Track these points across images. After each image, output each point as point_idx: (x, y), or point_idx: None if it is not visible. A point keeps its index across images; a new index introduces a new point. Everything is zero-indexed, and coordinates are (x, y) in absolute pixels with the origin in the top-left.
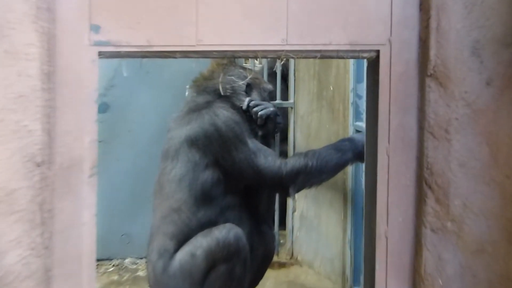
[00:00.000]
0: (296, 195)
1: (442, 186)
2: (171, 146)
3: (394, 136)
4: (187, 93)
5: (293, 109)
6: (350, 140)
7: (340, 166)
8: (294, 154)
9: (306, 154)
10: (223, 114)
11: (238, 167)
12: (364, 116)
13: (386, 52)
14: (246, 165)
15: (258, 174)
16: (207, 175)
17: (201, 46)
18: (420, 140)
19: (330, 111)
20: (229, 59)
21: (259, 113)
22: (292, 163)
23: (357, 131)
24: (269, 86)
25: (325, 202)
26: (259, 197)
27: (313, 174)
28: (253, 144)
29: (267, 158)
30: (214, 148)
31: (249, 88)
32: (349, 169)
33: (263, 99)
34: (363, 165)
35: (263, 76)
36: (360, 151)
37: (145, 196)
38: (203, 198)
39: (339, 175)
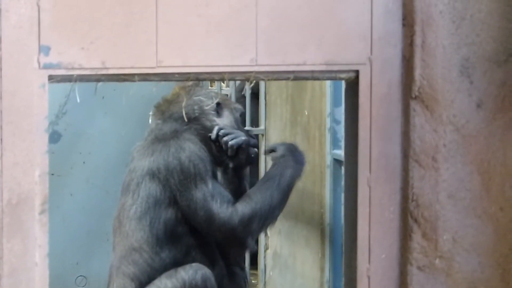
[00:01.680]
0: (269, 231)
1: (430, 219)
2: (133, 179)
3: (376, 165)
4: (150, 120)
5: (264, 136)
6: (276, 164)
7: (285, 191)
8: (238, 202)
9: (245, 199)
10: (189, 148)
11: (193, 208)
12: (342, 143)
13: (366, 72)
14: (201, 206)
15: (209, 219)
16: (171, 213)
17: (162, 68)
18: (405, 169)
19: (305, 138)
20: (194, 81)
21: (229, 143)
22: (241, 209)
23: (336, 160)
24: (241, 107)
25: (301, 239)
26: None
27: (265, 215)
28: (214, 186)
29: (222, 204)
30: (174, 183)
31: (219, 108)
32: (327, 202)
33: (236, 120)
34: (342, 197)
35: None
36: (293, 160)
37: (103, 234)
38: (167, 237)
39: (316, 208)
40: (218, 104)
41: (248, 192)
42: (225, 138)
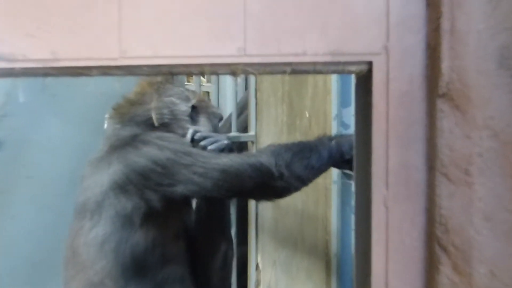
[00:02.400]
0: (260, 263)
1: (462, 248)
2: (89, 198)
3: (394, 179)
4: (106, 125)
5: (254, 144)
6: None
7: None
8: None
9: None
10: (156, 137)
11: (194, 185)
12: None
13: (381, 64)
14: (205, 173)
15: (225, 173)
16: (140, 236)
17: (126, 59)
18: (431, 185)
19: None
20: (166, 76)
21: (208, 148)
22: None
23: (344, 174)
24: (220, 112)
25: (301, 272)
26: (211, 266)
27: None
28: (206, 151)
29: (229, 155)
30: (155, 181)
31: (195, 113)
32: (333, 227)
33: (214, 129)
34: (352, 221)
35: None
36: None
37: (52, 266)
38: (134, 267)
39: (319, 234)
40: (193, 107)
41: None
42: (203, 143)
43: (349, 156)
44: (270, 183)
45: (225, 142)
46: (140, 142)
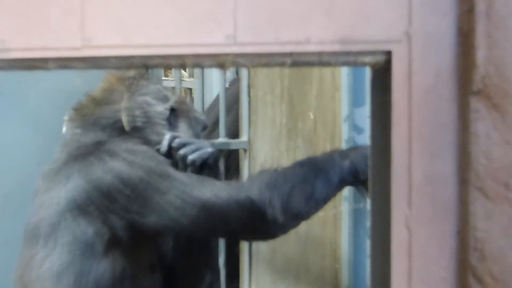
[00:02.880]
0: None
1: (501, 278)
2: (43, 219)
3: (418, 195)
4: (64, 129)
5: (247, 152)
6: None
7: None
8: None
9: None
10: (126, 150)
11: (169, 219)
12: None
13: (402, 54)
14: (183, 207)
15: (206, 212)
16: (105, 267)
17: (91, 49)
18: (463, 201)
19: (310, 154)
20: (139, 70)
21: (189, 157)
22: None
23: (357, 189)
24: (204, 118)
25: None
26: None
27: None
28: (186, 175)
29: (213, 186)
30: (122, 205)
31: (173, 116)
32: (344, 254)
33: (195, 136)
34: (367, 247)
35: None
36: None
37: None
38: None
39: (327, 263)
40: (172, 110)
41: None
42: (182, 151)
43: (365, 176)
44: (261, 225)
45: (209, 150)
46: (106, 153)
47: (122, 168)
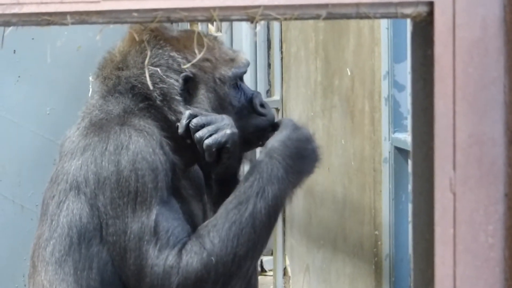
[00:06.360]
0: (288, 263)
1: None
2: (54, 194)
3: (464, 157)
4: (91, 91)
5: (280, 111)
6: (256, 168)
7: (264, 224)
8: (191, 241)
9: (199, 239)
10: (136, 145)
11: (122, 248)
12: (408, 122)
13: (445, 5)
14: (133, 248)
15: (138, 272)
16: (105, 254)
17: (110, 2)
18: (511, 163)
19: (347, 114)
20: (163, 25)
21: (205, 142)
22: (186, 262)
23: (398, 150)
24: (242, 59)
25: (343, 279)
26: None
27: (224, 271)
28: (160, 215)
29: (162, 251)
30: (104, 202)
31: (192, 85)
32: (384, 219)
33: (220, 103)
34: (409, 211)
35: None
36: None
37: (17, 276)
38: None
39: (366, 230)
40: (186, 79)
41: (208, 225)
42: (198, 134)
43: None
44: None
45: (228, 132)
46: (123, 137)
47: (123, 165)
